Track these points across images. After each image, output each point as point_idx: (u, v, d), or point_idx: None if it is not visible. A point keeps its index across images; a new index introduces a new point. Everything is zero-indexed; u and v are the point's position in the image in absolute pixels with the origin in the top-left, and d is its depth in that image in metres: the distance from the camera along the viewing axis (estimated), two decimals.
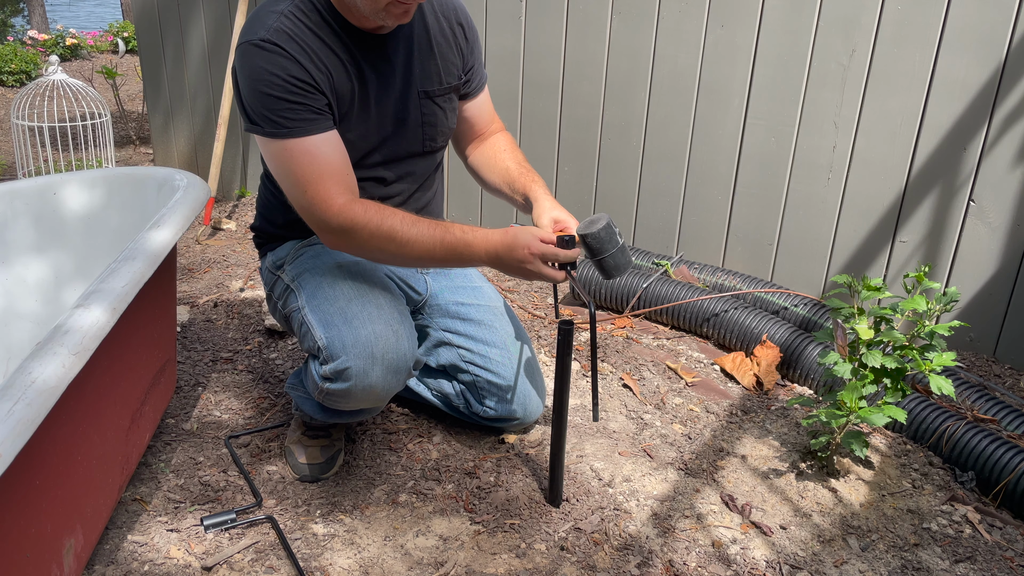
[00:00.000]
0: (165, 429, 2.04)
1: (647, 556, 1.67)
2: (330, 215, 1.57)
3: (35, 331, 2.13)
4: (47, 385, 1.19)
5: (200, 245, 3.39)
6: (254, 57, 1.54)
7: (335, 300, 1.66)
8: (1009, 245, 2.45)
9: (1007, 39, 2.31)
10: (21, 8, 11.01)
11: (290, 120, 1.55)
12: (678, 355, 2.52)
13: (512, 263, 1.60)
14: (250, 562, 1.61)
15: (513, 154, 1.90)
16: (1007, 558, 1.72)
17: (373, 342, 1.60)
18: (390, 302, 1.68)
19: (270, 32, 1.54)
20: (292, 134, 1.55)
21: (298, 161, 1.57)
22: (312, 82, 1.56)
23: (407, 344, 1.65)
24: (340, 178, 1.60)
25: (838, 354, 1.87)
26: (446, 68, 1.78)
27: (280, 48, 1.54)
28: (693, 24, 2.78)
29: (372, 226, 1.58)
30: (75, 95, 4.04)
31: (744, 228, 2.89)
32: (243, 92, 1.58)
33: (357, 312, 1.63)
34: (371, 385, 1.62)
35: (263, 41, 1.54)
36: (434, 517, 1.76)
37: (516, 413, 1.96)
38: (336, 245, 1.64)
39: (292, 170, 1.58)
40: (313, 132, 1.57)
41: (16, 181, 2.14)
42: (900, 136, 2.52)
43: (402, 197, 1.83)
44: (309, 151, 1.57)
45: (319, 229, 1.62)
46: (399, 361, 1.63)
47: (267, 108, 1.54)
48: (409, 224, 1.59)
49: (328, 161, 1.59)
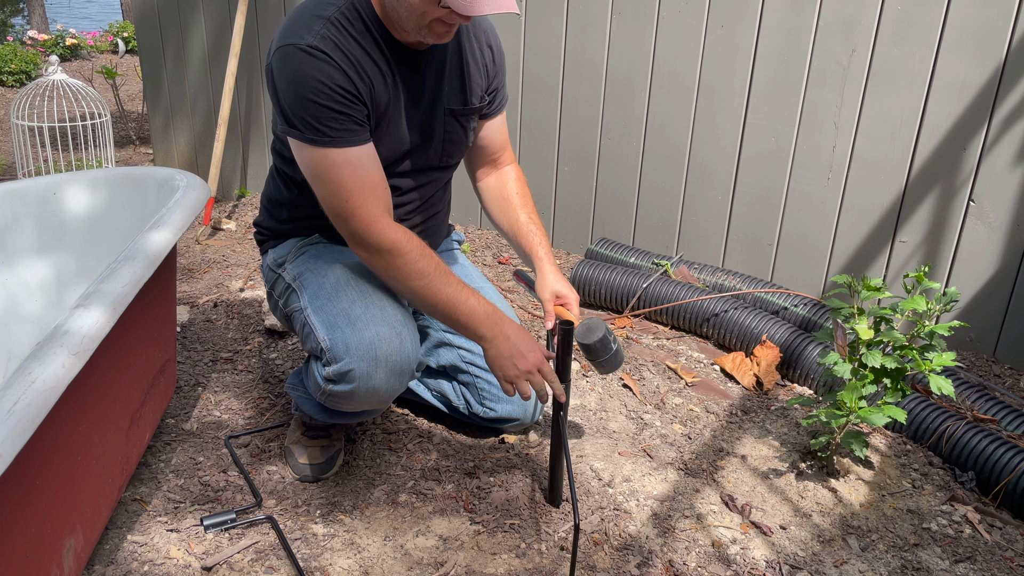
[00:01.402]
0: (165, 429, 2.04)
1: (647, 556, 1.67)
2: (371, 232, 1.58)
3: (36, 332, 2.13)
4: (47, 385, 1.19)
5: (200, 245, 3.39)
6: (300, 62, 1.53)
7: (338, 301, 1.66)
8: (1009, 245, 2.45)
9: (1007, 39, 2.31)
10: (21, 8, 11.02)
11: (333, 129, 1.55)
12: (678, 355, 2.52)
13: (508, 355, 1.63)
14: (250, 562, 1.61)
15: (524, 203, 1.93)
16: (1007, 558, 1.72)
17: (377, 344, 1.60)
18: (393, 304, 1.68)
19: (318, 39, 1.54)
20: (334, 143, 1.56)
21: (339, 171, 1.57)
22: (356, 92, 1.57)
23: (410, 346, 1.65)
24: (380, 194, 1.61)
25: (838, 354, 1.87)
26: (472, 89, 1.79)
27: (328, 57, 1.53)
28: (693, 24, 2.78)
29: (411, 258, 1.60)
30: (75, 95, 4.04)
31: (744, 228, 2.89)
32: (284, 95, 1.56)
33: (360, 314, 1.63)
34: (375, 387, 1.62)
35: (311, 48, 1.53)
36: (434, 517, 1.76)
37: (515, 414, 1.96)
38: (364, 259, 1.65)
39: (333, 179, 1.58)
40: (354, 144, 1.58)
41: (16, 181, 2.14)
42: (900, 136, 2.53)
43: (414, 205, 1.84)
44: (350, 162, 1.57)
45: (353, 240, 1.62)
46: (403, 363, 1.63)
47: (310, 115, 1.54)
48: (441, 272, 1.63)
49: (368, 174, 1.60)
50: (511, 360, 1.64)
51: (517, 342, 1.64)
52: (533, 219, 1.92)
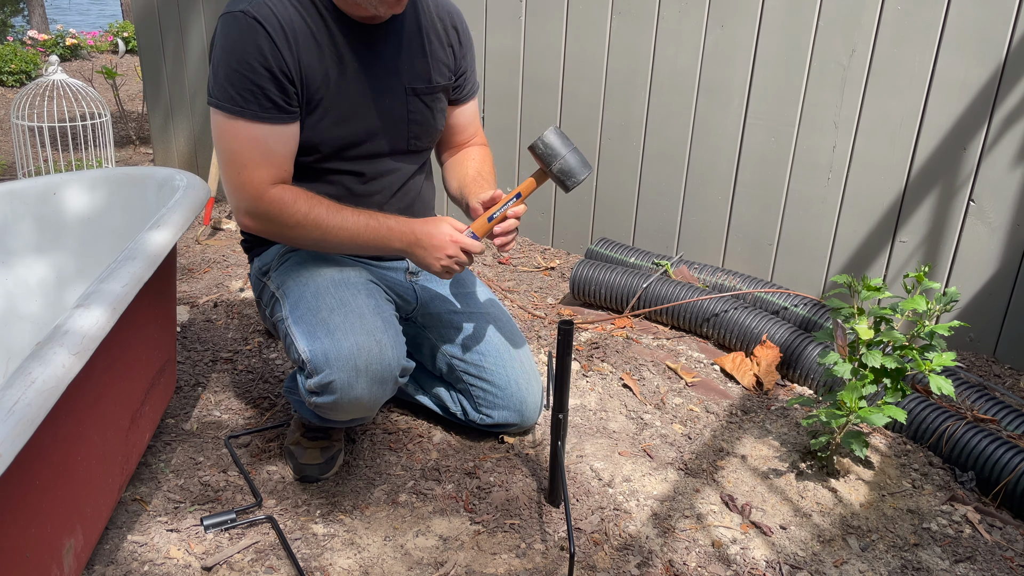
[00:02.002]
0: (165, 429, 2.04)
1: (647, 556, 1.67)
2: (259, 200, 1.59)
3: (36, 332, 2.13)
4: (47, 385, 1.19)
5: (200, 245, 3.39)
6: (231, 28, 1.54)
7: (317, 311, 1.64)
8: (1009, 245, 2.45)
9: (1007, 39, 2.31)
10: (21, 8, 11.02)
11: (247, 101, 1.55)
12: (678, 355, 2.52)
13: (425, 254, 1.65)
14: (250, 562, 1.61)
15: (478, 163, 1.91)
16: (1007, 558, 1.72)
17: (356, 354, 1.58)
18: (373, 310, 1.65)
19: (253, 5, 1.54)
20: (245, 115, 1.56)
21: (243, 143, 1.57)
22: (285, 70, 1.56)
23: (391, 353, 1.62)
24: (277, 170, 1.61)
25: (838, 354, 1.87)
26: (436, 67, 1.77)
27: (262, 27, 1.53)
28: (693, 24, 2.78)
29: (299, 209, 1.59)
30: (75, 95, 4.04)
31: (744, 228, 2.89)
32: (215, 61, 1.58)
33: (339, 323, 1.61)
34: (357, 397, 1.61)
35: (244, 14, 1.54)
36: (434, 517, 1.76)
37: (513, 419, 1.96)
38: (260, 230, 1.64)
39: (234, 149, 1.58)
40: (267, 121, 1.57)
41: (16, 181, 2.14)
42: (900, 136, 2.53)
43: (383, 196, 1.81)
44: (254, 137, 1.57)
45: (244, 212, 1.63)
46: (383, 372, 1.61)
47: (230, 81, 1.54)
48: (335, 210, 1.63)
49: (271, 150, 1.59)
50: (432, 255, 1.66)
51: (429, 239, 1.65)
52: (485, 175, 1.88)
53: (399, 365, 1.64)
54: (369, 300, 1.67)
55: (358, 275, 1.74)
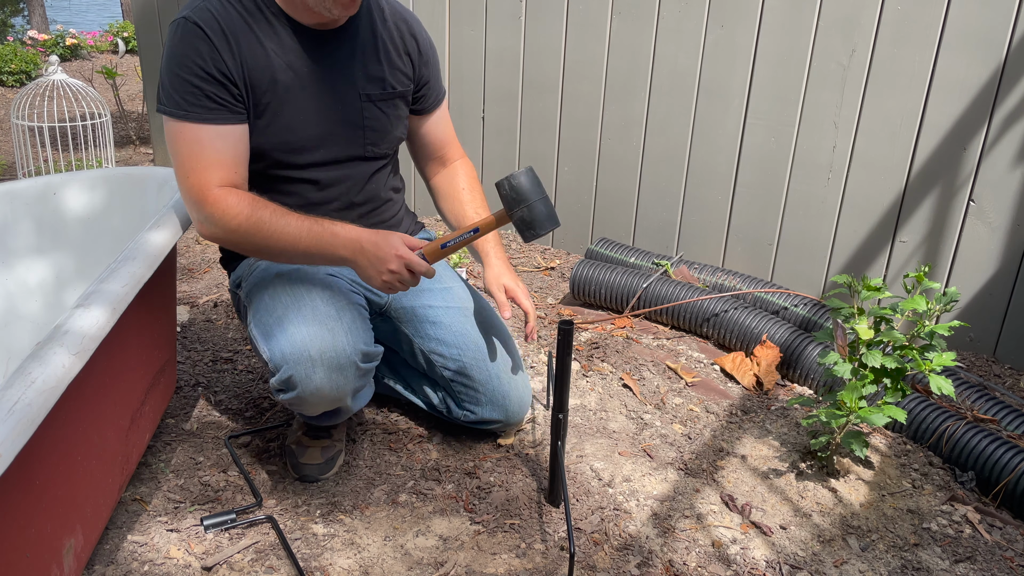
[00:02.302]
0: (165, 429, 2.04)
1: (647, 556, 1.67)
2: (204, 203, 1.58)
3: (35, 332, 2.13)
4: (47, 385, 1.19)
5: (200, 245, 3.39)
6: (177, 34, 1.57)
7: (273, 310, 1.64)
8: (1009, 245, 2.45)
9: (1007, 39, 2.31)
10: (21, 8, 11.02)
11: (191, 104, 1.56)
12: (678, 355, 2.52)
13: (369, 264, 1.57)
14: (250, 562, 1.61)
15: (471, 198, 1.92)
16: (1007, 558, 1.72)
17: (308, 344, 1.57)
18: (328, 300, 1.64)
19: (196, 11, 1.56)
20: (189, 118, 1.56)
21: (189, 147, 1.57)
22: (225, 71, 1.56)
23: (345, 339, 1.59)
24: (225, 172, 1.60)
25: (838, 354, 1.87)
26: (392, 74, 1.77)
27: (200, 30, 1.55)
28: (693, 24, 2.78)
29: (243, 214, 1.57)
30: (75, 95, 4.04)
31: (744, 228, 2.89)
32: (161, 68, 1.60)
33: (293, 318, 1.60)
34: (318, 388, 1.60)
35: (185, 20, 1.56)
36: (434, 517, 1.76)
37: (495, 416, 1.92)
38: (210, 235, 1.63)
39: (181, 153, 1.58)
40: (211, 121, 1.57)
41: (16, 181, 2.14)
42: (900, 136, 2.53)
43: (340, 203, 1.79)
44: (200, 139, 1.57)
45: (195, 219, 1.63)
46: (339, 358, 1.59)
47: (174, 87, 1.56)
48: (279, 214, 1.58)
49: (217, 152, 1.59)
50: (374, 268, 1.56)
51: (374, 250, 1.56)
52: (480, 214, 1.89)
53: (356, 350, 1.61)
54: (324, 292, 1.66)
55: (315, 271, 1.74)
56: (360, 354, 1.63)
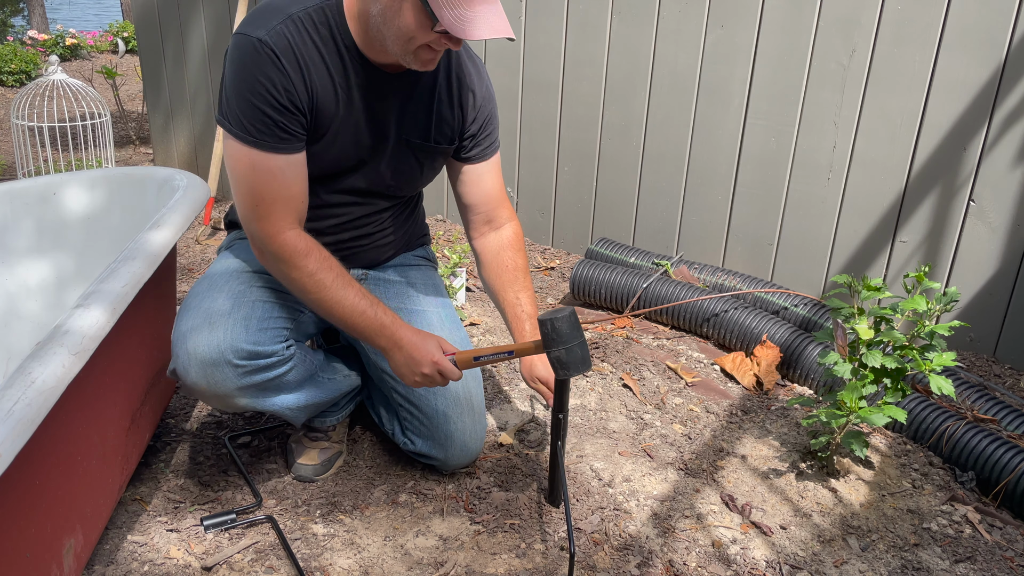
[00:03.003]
0: (165, 429, 2.04)
1: (647, 556, 1.67)
2: (273, 242, 1.55)
3: (36, 332, 2.13)
4: (47, 385, 1.19)
5: (200, 245, 3.39)
6: (247, 55, 1.49)
7: (188, 299, 1.65)
8: (1009, 245, 2.45)
9: (1007, 39, 2.31)
10: (21, 8, 11.02)
11: (261, 132, 1.51)
12: (678, 355, 2.52)
13: (404, 362, 1.62)
14: (250, 562, 1.61)
15: (514, 278, 1.84)
16: (1007, 558, 1.72)
17: (188, 337, 1.56)
18: (230, 294, 1.62)
19: (271, 34, 1.49)
20: (259, 146, 1.52)
21: (258, 175, 1.54)
22: (296, 102, 1.52)
23: (223, 335, 1.55)
24: (294, 205, 1.58)
25: (838, 354, 1.87)
26: (439, 127, 1.73)
27: (275, 56, 1.49)
28: (693, 24, 2.78)
29: (308, 271, 1.56)
30: (75, 95, 4.04)
31: (744, 228, 2.89)
32: (227, 84, 1.53)
33: (192, 307, 1.60)
34: (196, 383, 1.57)
35: (260, 42, 1.48)
36: (434, 517, 1.76)
37: (434, 453, 1.83)
38: (264, 263, 1.62)
39: (249, 180, 1.55)
40: (281, 151, 1.54)
41: (16, 181, 2.14)
42: (900, 136, 2.53)
43: (341, 220, 1.77)
44: (271, 169, 1.53)
45: (255, 245, 1.60)
46: (211, 353, 1.54)
47: (243, 112, 1.50)
48: (341, 285, 1.59)
49: (287, 184, 1.56)
50: (408, 367, 1.62)
51: (411, 350, 1.60)
52: (521, 297, 1.83)
53: (232, 347, 1.55)
54: (239, 286, 1.64)
55: (249, 266, 1.72)
56: (238, 352, 1.56)
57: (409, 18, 1.44)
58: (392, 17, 1.46)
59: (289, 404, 1.72)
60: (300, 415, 1.78)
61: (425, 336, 1.63)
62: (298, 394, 1.73)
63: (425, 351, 1.61)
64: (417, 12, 1.43)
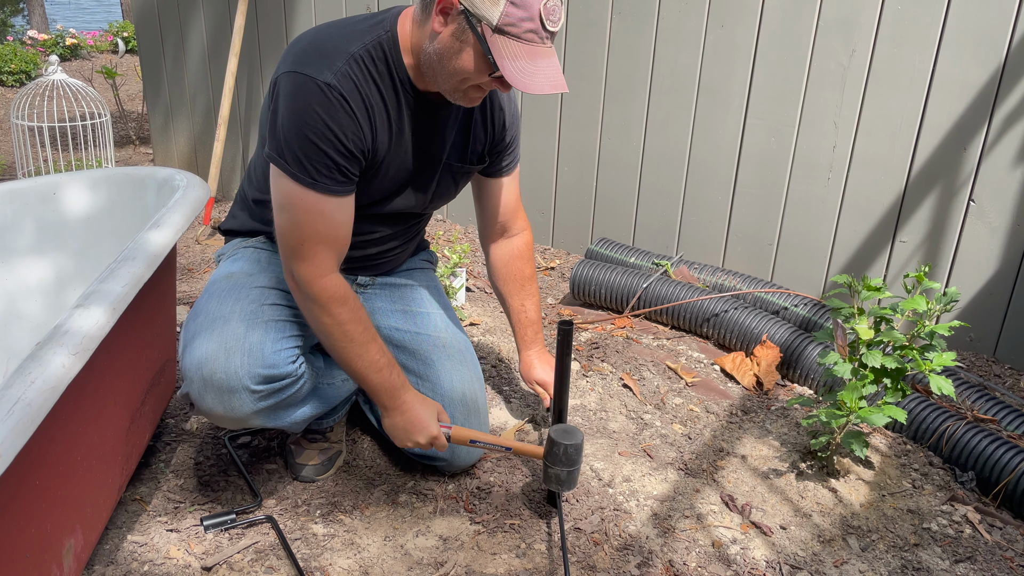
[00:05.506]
0: (165, 429, 2.04)
1: (647, 556, 1.67)
2: (313, 283, 1.55)
3: (36, 332, 2.13)
4: (47, 385, 1.19)
5: (200, 245, 3.39)
6: (312, 97, 1.45)
7: (196, 318, 1.62)
8: (1009, 245, 2.45)
9: (1007, 39, 2.31)
10: (21, 8, 11.03)
11: (320, 174, 1.49)
12: (678, 355, 2.52)
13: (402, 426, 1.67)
14: (250, 562, 1.61)
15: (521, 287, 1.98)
16: (1007, 558, 1.72)
17: (203, 364, 1.53)
18: (242, 316, 1.58)
19: (338, 77, 1.46)
20: (315, 188, 1.50)
21: (308, 215, 1.52)
22: (363, 147, 1.52)
23: (239, 361, 1.53)
24: (337, 247, 1.58)
25: (838, 354, 1.87)
26: (473, 147, 1.75)
27: (344, 101, 1.47)
28: (693, 24, 2.78)
29: (340, 319, 1.57)
30: (75, 95, 4.04)
31: (744, 228, 2.89)
32: (284, 121, 1.48)
33: (204, 329, 1.57)
34: (210, 409, 1.57)
35: (329, 87, 1.45)
36: (434, 517, 1.76)
37: (441, 456, 1.84)
38: (296, 298, 1.61)
39: (298, 220, 1.53)
40: (337, 194, 1.53)
41: (16, 181, 2.14)
42: (900, 136, 2.53)
43: (380, 234, 1.79)
44: (322, 211, 1.52)
45: (290, 277, 1.58)
46: (228, 381, 1.53)
47: (305, 154, 1.47)
48: (366, 340, 1.61)
49: (335, 226, 1.56)
50: (405, 433, 1.68)
51: (412, 418, 1.66)
52: (527, 304, 1.98)
53: (249, 374, 1.54)
54: (249, 305, 1.61)
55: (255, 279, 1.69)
56: (255, 377, 1.54)
57: (468, 62, 1.45)
58: (450, 58, 1.46)
59: (297, 419, 1.73)
60: (301, 427, 1.80)
61: (428, 405, 1.69)
62: (305, 408, 1.75)
63: (425, 425, 1.67)
64: (478, 59, 1.44)
